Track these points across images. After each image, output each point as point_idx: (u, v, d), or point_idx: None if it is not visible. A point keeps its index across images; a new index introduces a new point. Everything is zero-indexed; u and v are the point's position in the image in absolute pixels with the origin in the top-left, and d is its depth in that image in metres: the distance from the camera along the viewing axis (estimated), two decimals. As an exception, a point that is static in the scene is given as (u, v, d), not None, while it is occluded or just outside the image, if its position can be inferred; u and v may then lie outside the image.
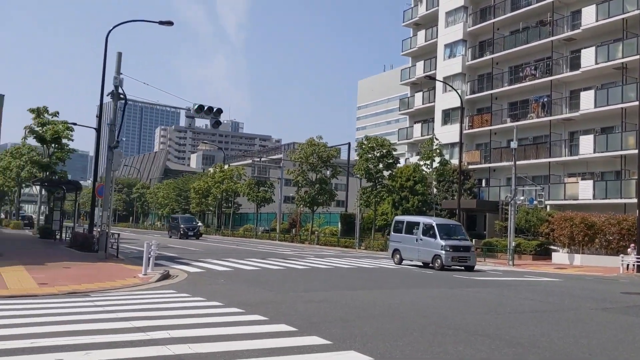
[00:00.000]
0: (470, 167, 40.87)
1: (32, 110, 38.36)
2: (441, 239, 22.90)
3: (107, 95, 22.25)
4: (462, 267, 23.08)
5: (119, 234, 23.78)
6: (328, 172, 46.56)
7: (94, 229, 24.97)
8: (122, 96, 21.57)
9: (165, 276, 16.25)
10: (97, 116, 24.93)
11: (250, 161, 68.78)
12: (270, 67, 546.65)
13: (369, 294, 13.74)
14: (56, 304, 10.69)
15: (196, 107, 22.41)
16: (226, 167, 63.63)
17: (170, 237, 46.94)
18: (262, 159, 66.30)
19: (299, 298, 12.38)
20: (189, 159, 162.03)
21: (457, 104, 38.60)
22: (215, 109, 22.73)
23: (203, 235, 49.69)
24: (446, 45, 45.93)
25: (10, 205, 66.76)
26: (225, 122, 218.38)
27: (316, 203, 45.84)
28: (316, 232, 45.06)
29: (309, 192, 46.06)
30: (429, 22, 49.24)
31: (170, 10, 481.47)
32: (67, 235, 29.54)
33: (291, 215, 54.44)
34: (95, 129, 26.23)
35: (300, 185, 47.06)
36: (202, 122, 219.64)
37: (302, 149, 47.68)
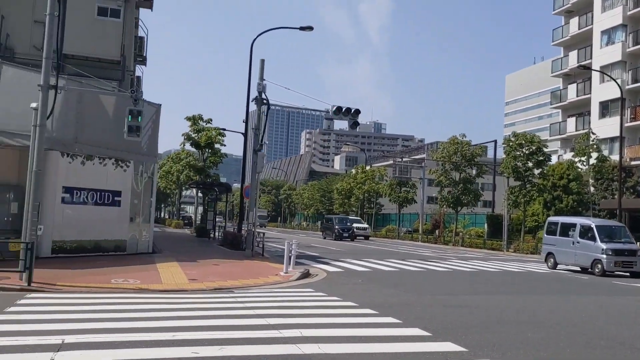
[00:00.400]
0: (633, 163, 37.10)
1: (188, 118, 41.54)
2: (601, 241, 20.98)
3: (252, 101, 23.29)
4: (627, 274, 20.94)
5: (264, 233, 24.78)
6: (473, 171, 44.88)
7: (242, 228, 26.27)
8: (265, 101, 22.46)
9: (305, 275, 16.58)
10: (243, 121, 26.22)
11: (391, 162, 68.57)
12: (413, 66, 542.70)
13: (514, 300, 12.90)
14: (201, 299, 11.30)
15: (334, 109, 22.70)
16: (368, 168, 64.04)
17: (325, 238, 45.30)
18: (404, 159, 65.74)
19: (436, 301, 11.94)
20: (333, 160, 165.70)
21: (617, 94, 35.20)
22: (353, 110, 22.87)
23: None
24: (603, 32, 42.20)
25: (172, 206, 72.95)
26: (368, 123, 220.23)
27: (460, 203, 44.38)
28: (460, 234, 43.63)
29: (453, 192, 44.76)
30: (583, 8, 45.59)
31: (314, 16, 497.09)
32: (220, 234, 31.43)
33: (434, 216, 53.31)
34: (242, 133, 27.63)
35: (443, 185, 45.93)
36: (344, 125, 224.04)
37: (445, 148, 46.48)
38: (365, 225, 51.11)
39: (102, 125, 18.69)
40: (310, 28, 26.89)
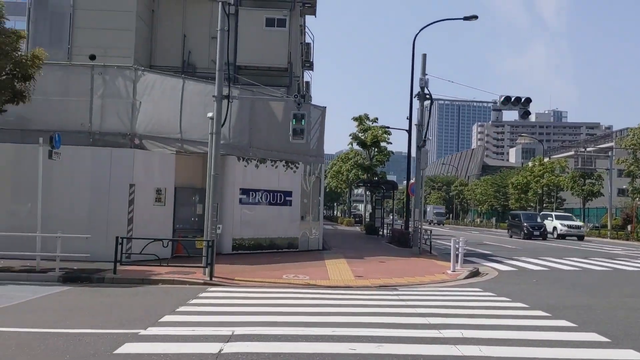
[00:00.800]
0: None
1: (355, 119, 42.41)
2: None
3: (415, 97, 23.04)
4: None
5: (430, 231, 24.38)
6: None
7: (409, 225, 26.10)
8: (427, 96, 22.09)
9: (474, 274, 15.97)
10: (407, 118, 26.08)
11: (573, 152, 63.43)
12: (596, 48, 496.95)
13: None
14: (366, 295, 11.43)
15: (503, 99, 21.59)
16: (546, 159, 59.97)
17: (511, 236, 40.75)
18: (588, 149, 60.39)
19: (620, 304, 10.75)
20: (508, 153, 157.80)
21: None
22: (523, 99, 21.56)
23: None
24: None
25: (343, 204, 75.05)
26: (546, 112, 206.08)
27: (656, 195, 39.65)
28: (657, 229, 38.90)
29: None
30: None
31: (482, 5, 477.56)
32: (388, 232, 31.60)
33: (625, 210, 48.20)
34: (406, 130, 27.49)
35: (634, 175, 41.48)
36: (517, 115, 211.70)
37: (635, 135, 41.89)
38: (579, 223, 42.48)
39: (272, 129, 19.82)
40: (475, 17, 25.88)
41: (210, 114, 14.13)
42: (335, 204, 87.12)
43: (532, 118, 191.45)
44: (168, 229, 17.17)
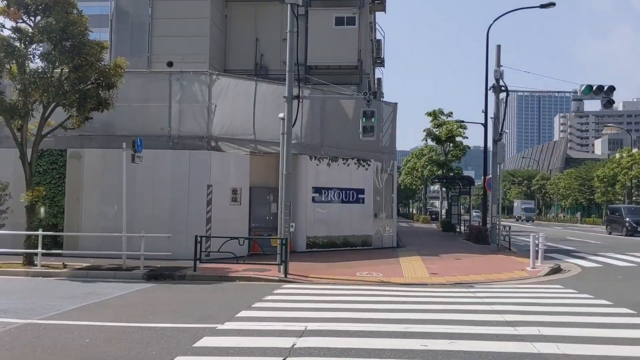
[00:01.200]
0: None
1: (429, 114, 41.83)
2: None
3: (490, 89, 22.48)
4: None
5: (509, 227, 23.68)
6: None
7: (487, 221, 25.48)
8: (503, 88, 21.50)
9: (555, 270, 15.42)
10: (482, 111, 25.43)
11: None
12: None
13: None
14: (440, 293, 11.30)
15: (584, 88, 20.71)
16: (635, 150, 56.73)
17: (610, 233, 36.92)
18: (681, 138, 56.61)
19: None
20: (593, 145, 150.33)
21: None
22: (606, 87, 20.60)
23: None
24: None
25: (419, 201, 74.14)
26: (635, 100, 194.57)
27: None
28: None
29: None
30: None
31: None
32: (466, 229, 30.96)
33: None
34: (482, 124, 26.83)
35: None
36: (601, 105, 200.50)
37: None
38: None
39: (343, 128, 19.91)
40: (553, 4, 24.88)
41: (281, 115, 14.41)
42: (410, 201, 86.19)
43: (619, 107, 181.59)
44: (244, 227, 17.65)
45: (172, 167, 16.60)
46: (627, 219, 34.71)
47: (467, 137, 40.78)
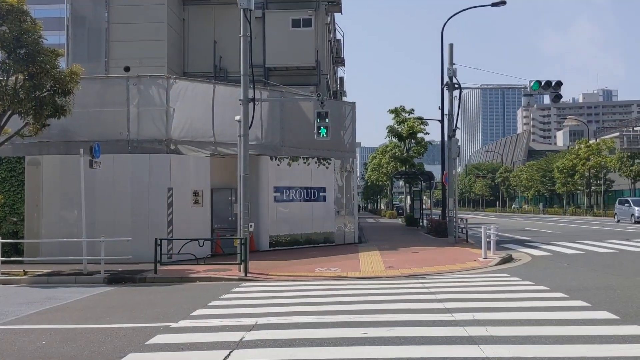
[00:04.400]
0: None
1: (391, 111, 42.51)
2: None
3: (444, 87, 23.15)
4: None
5: (466, 219, 24.43)
6: None
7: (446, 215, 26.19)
8: (456, 85, 22.16)
9: (506, 260, 16.10)
10: (439, 108, 26.15)
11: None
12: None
13: None
14: (392, 285, 11.80)
15: (532, 83, 21.46)
16: (592, 141, 58.52)
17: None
18: (635, 128, 58.63)
19: (644, 284, 10.80)
20: (555, 137, 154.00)
21: None
22: (553, 83, 21.37)
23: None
24: None
25: (386, 197, 75.12)
26: (594, 92, 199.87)
27: None
28: None
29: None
30: None
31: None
32: (427, 222, 31.69)
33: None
34: (439, 120, 27.56)
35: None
36: (567, 96, 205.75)
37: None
38: None
39: (303, 128, 20.32)
40: (503, 3, 25.82)
41: (237, 117, 14.75)
42: (378, 197, 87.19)
43: (580, 99, 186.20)
44: (206, 229, 17.93)
45: (132, 171, 16.77)
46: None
47: (428, 134, 41.66)
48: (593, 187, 58.58)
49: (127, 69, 19.12)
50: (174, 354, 6.53)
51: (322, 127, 14.72)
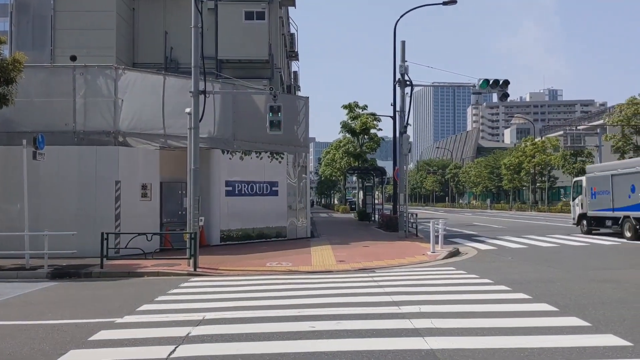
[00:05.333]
0: None
1: (345, 107, 42.71)
2: None
3: (396, 84, 23.42)
4: None
5: (416, 214, 24.86)
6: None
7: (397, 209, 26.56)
8: (408, 82, 22.47)
9: (454, 253, 16.47)
10: (391, 104, 26.42)
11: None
12: (588, 20, 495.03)
13: (682, 274, 11.60)
14: (342, 279, 11.89)
15: (481, 82, 21.96)
16: (537, 139, 60.38)
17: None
18: (578, 127, 60.77)
19: (582, 277, 11.23)
20: (503, 134, 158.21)
21: None
22: (501, 81, 21.92)
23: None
24: None
25: (339, 192, 75.57)
26: (541, 91, 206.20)
27: (645, 170, 40.14)
28: (646, 204, 39.34)
29: (635, 157, 40.63)
30: None
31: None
32: (379, 217, 32.06)
33: (616, 185, 48.75)
34: (391, 117, 27.85)
35: (623, 151, 41.95)
36: (515, 95, 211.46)
37: (622, 111, 42.34)
38: None
39: (256, 122, 20.15)
40: (454, 2, 26.30)
41: (187, 110, 14.53)
42: (332, 192, 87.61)
43: (527, 98, 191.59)
44: (155, 223, 17.63)
45: (78, 163, 16.30)
46: None
47: (381, 130, 42.11)
48: (538, 184, 60.44)
49: (73, 58, 18.51)
50: (117, 349, 6.40)
51: (274, 121, 14.67)
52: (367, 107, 42.78)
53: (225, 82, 19.94)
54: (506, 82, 21.99)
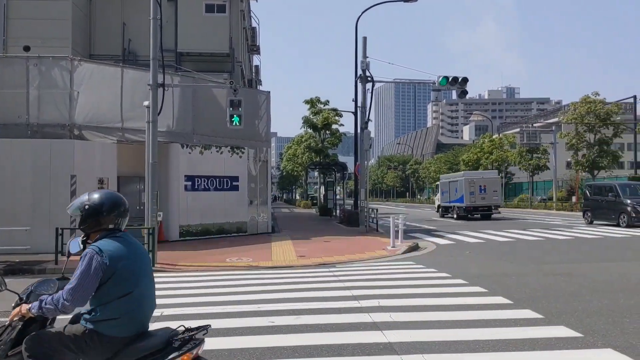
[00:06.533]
0: None
1: (307, 102, 42.76)
2: None
3: (357, 79, 23.54)
4: None
5: (376, 209, 25.08)
6: (609, 132, 41.76)
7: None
8: (369, 78, 22.62)
9: (413, 248, 16.67)
10: (352, 100, 26.57)
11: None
12: (546, 19, 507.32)
13: (631, 267, 12.03)
14: (303, 274, 11.90)
15: (440, 79, 22.27)
16: (495, 136, 61.62)
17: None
18: (535, 124, 62.38)
19: (536, 270, 11.53)
20: (462, 131, 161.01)
21: None
22: (460, 79, 22.29)
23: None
24: None
25: (301, 187, 75.65)
26: (499, 89, 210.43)
27: (597, 167, 41.62)
28: (598, 199, 40.65)
29: (587, 155, 41.96)
30: None
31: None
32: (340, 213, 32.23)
33: (569, 182, 50.20)
34: (353, 112, 28.00)
35: (577, 148, 43.24)
36: (474, 92, 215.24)
37: (576, 109, 43.59)
38: None
39: (216, 116, 19.93)
40: (414, -1, 26.51)
41: (146, 103, 14.29)
42: (293, 187, 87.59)
43: (485, 95, 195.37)
44: (113, 218, 17.25)
45: (31, 157, 15.85)
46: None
47: (342, 125, 42.50)
48: (496, 180, 61.69)
49: (27, 49, 17.96)
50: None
51: (235, 116, 14.57)
52: (329, 102, 42.98)
53: (185, 75, 19.69)
54: (465, 80, 22.37)
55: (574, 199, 46.20)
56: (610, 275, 10.74)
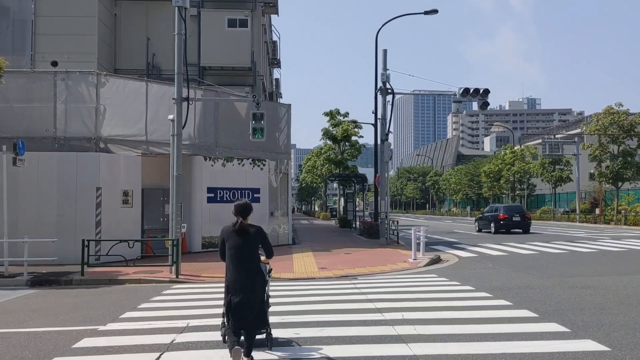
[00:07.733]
0: None
1: (326, 114, 42.94)
2: None
3: (377, 91, 23.61)
4: None
5: (397, 221, 25.02)
6: (634, 143, 41.23)
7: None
8: (389, 90, 22.68)
9: (435, 261, 16.61)
10: (372, 112, 26.64)
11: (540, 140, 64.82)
12: (564, 29, 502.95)
13: (657, 280, 11.85)
14: (324, 286, 11.94)
15: (461, 91, 22.23)
16: (517, 147, 61.17)
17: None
18: (557, 135, 61.81)
19: (561, 283, 11.43)
20: (482, 142, 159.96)
21: None
22: (481, 90, 22.21)
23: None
24: None
25: (320, 199, 75.69)
26: (520, 100, 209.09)
27: (620, 178, 41.00)
28: (623, 211, 40.09)
29: (611, 166, 41.41)
30: None
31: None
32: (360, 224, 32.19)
33: (592, 194, 49.54)
34: (372, 124, 28.07)
35: (600, 160, 42.70)
36: (494, 103, 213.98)
37: (599, 120, 43.10)
38: None
39: (238, 129, 20.21)
40: (435, 11, 26.62)
41: (170, 116, 14.51)
42: (312, 199, 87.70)
43: (506, 106, 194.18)
44: (137, 230, 17.51)
45: (58, 169, 16.17)
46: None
47: (362, 137, 42.62)
48: (517, 191, 61.10)
49: (54, 64, 18.37)
50: (101, 357, 6.38)
51: (257, 129, 14.71)
52: (348, 114, 43.09)
53: (208, 89, 19.95)
54: (486, 91, 22.28)
55: (597, 210, 45.58)
56: (636, 288, 10.60)
